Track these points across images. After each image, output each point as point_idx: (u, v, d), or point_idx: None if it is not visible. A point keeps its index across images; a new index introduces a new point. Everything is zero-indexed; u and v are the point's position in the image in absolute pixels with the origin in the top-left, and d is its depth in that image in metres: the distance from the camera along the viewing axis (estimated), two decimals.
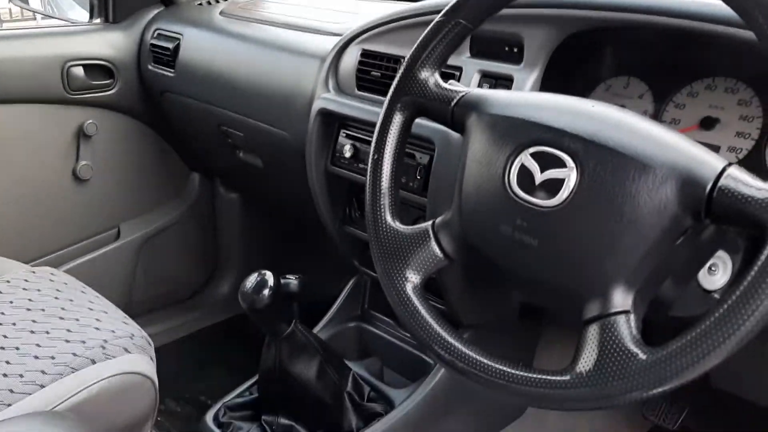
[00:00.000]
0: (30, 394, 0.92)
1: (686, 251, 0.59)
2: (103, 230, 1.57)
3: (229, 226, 1.75)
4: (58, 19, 1.56)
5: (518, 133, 0.63)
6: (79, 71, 1.43)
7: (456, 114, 0.70)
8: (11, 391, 0.91)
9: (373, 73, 1.03)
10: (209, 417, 1.03)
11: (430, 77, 0.72)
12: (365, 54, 1.05)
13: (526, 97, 0.67)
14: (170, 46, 1.42)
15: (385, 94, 0.75)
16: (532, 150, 0.62)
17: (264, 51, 1.25)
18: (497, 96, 0.68)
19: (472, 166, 0.66)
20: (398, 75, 0.73)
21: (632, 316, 0.57)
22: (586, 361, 0.56)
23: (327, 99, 1.08)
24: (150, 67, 1.48)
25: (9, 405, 0.91)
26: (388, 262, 0.69)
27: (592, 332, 0.57)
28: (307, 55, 1.16)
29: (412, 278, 0.68)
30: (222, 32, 1.36)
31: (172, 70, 1.43)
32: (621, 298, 0.57)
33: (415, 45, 0.72)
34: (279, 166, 1.31)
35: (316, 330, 1.18)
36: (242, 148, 1.42)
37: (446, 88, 0.71)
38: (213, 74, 1.34)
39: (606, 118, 0.61)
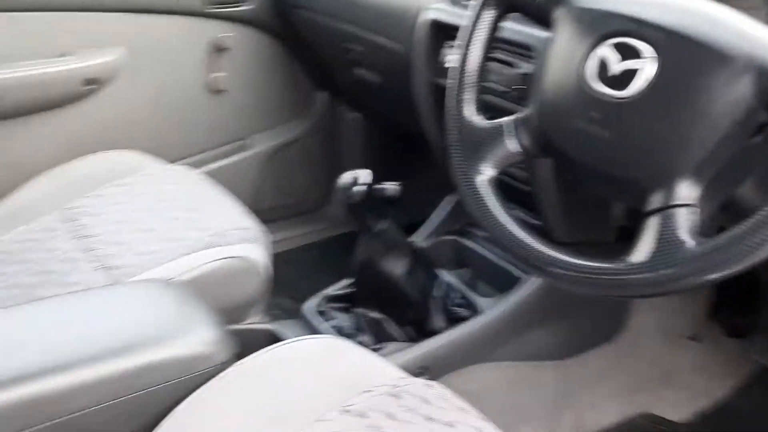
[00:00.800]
0: (151, 268, 1.04)
1: (765, 150, 0.56)
2: (234, 140, 1.69)
3: (350, 145, 1.83)
4: None
5: (600, 24, 0.63)
6: None
7: (543, 8, 0.69)
8: (138, 266, 1.04)
9: None
10: (310, 304, 1.12)
11: None
12: None
13: None
14: None
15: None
16: (611, 41, 0.61)
17: None
18: None
19: (553, 60, 0.66)
20: None
21: (695, 210, 0.56)
22: (641, 250, 0.56)
23: (438, 9, 1.09)
24: None
25: (133, 276, 1.04)
26: (465, 154, 0.71)
27: (652, 223, 0.57)
28: None
29: (487, 171, 0.69)
30: None
31: None
32: (686, 191, 0.56)
33: None
34: (394, 81, 1.35)
35: (412, 239, 1.23)
36: (362, 64, 1.46)
37: None
38: None
39: (689, 8, 0.59)
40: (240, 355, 0.95)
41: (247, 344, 0.95)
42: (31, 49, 1.36)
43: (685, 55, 0.56)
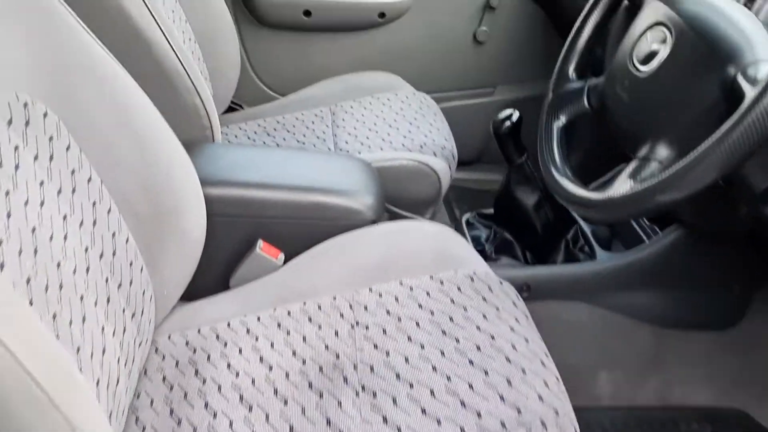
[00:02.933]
0: (361, 153, 1.43)
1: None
2: (482, 86, 1.99)
3: None
4: None
5: (660, 13, 0.80)
6: None
7: None
8: (354, 150, 1.43)
9: None
10: (464, 217, 1.40)
11: None
12: None
13: None
14: None
15: None
16: (657, 26, 0.79)
17: None
18: None
19: (625, 38, 0.85)
20: None
21: (662, 166, 0.73)
22: (621, 185, 0.75)
23: None
24: None
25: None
26: (554, 102, 0.93)
27: (632, 165, 0.75)
28: None
29: (562, 118, 0.91)
30: None
31: None
32: (662, 151, 0.74)
33: None
34: None
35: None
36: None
37: None
38: None
39: (717, 6, 0.74)
40: None
41: None
42: None
43: (692, 47, 0.72)
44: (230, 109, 1.77)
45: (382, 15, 1.84)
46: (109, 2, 1.10)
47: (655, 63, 0.75)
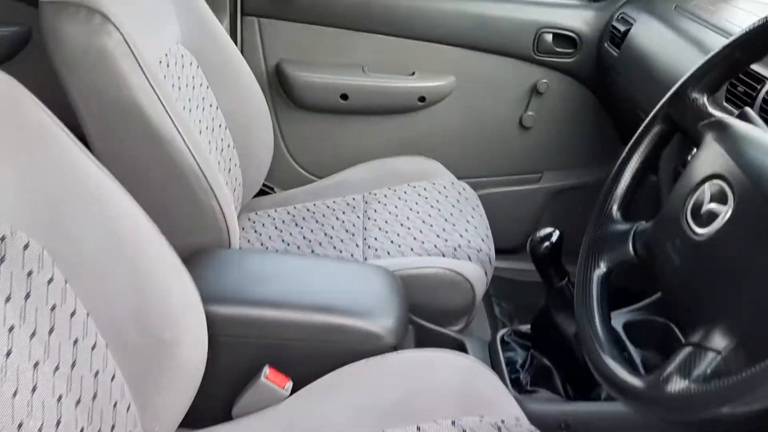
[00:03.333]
0: (391, 257, 1.32)
1: None
2: (528, 172, 1.88)
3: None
4: None
5: (721, 163, 0.68)
6: (549, 37, 1.72)
7: (699, 131, 0.75)
8: (384, 249, 1.33)
9: (739, 88, 1.04)
10: (498, 334, 1.28)
11: (699, 98, 0.77)
12: None
13: (759, 137, 0.69)
14: (623, 28, 1.58)
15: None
16: (714, 181, 0.66)
17: (686, 46, 1.32)
18: (743, 128, 0.71)
19: (679, 183, 0.73)
20: (674, 87, 0.80)
21: (719, 356, 0.60)
22: (670, 376, 0.62)
23: None
24: (606, 44, 1.67)
25: (378, 256, 1.33)
26: (593, 245, 0.81)
27: (684, 353, 0.63)
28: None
29: (602, 266, 0.79)
30: (667, 24, 1.46)
31: (617, 50, 1.59)
32: (718, 339, 0.61)
33: (696, 66, 0.79)
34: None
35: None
36: None
37: (707, 111, 0.76)
38: (644, 60, 1.46)
39: None
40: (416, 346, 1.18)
41: (431, 343, 1.17)
42: (385, 64, 1.75)
43: (758, 213, 0.59)
44: (262, 192, 1.70)
45: (422, 99, 1.76)
46: (124, 100, 1.05)
47: (713, 227, 0.63)
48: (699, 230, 0.65)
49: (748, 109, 0.82)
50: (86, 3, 1.00)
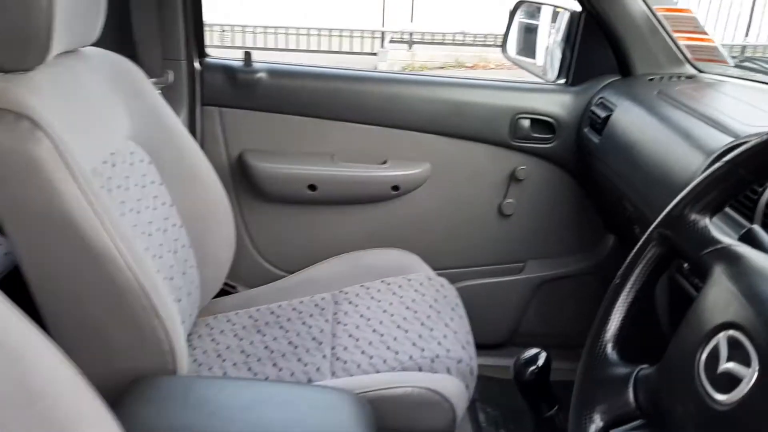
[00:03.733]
0: (361, 372, 1.19)
1: None
2: (510, 262, 1.77)
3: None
4: (542, 78, 1.79)
5: (736, 308, 0.57)
6: (526, 123, 1.65)
7: (704, 260, 0.64)
8: (355, 363, 1.20)
9: None
10: None
11: (700, 220, 0.67)
12: None
13: None
14: (603, 113, 1.51)
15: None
16: (729, 331, 0.55)
17: (671, 135, 1.24)
18: (759, 262, 0.60)
19: (688, 321, 0.62)
20: (669, 206, 0.70)
21: None
22: None
23: None
24: (585, 130, 1.60)
25: (349, 372, 1.20)
26: (585, 392, 0.69)
27: None
28: (698, 148, 1.12)
29: (597, 420, 0.67)
30: (649, 110, 1.38)
31: (598, 137, 1.51)
32: None
33: (694, 182, 0.69)
34: None
35: None
36: (638, 225, 1.42)
37: (711, 236, 0.66)
38: (626, 148, 1.38)
39: None
40: None
41: None
42: (355, 153, 1.66)
43: None
44: (224, 292, 1.57)
45: (395, 188, 1.66)
46: (56, 213, 0.93)
47: (735, 394, 0.51)
48: (718, 397, 0.53)
49: (757, 228, 0.71)
50: (13, 107, 0.90)
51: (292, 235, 1.71)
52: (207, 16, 1.65)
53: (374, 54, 7.71)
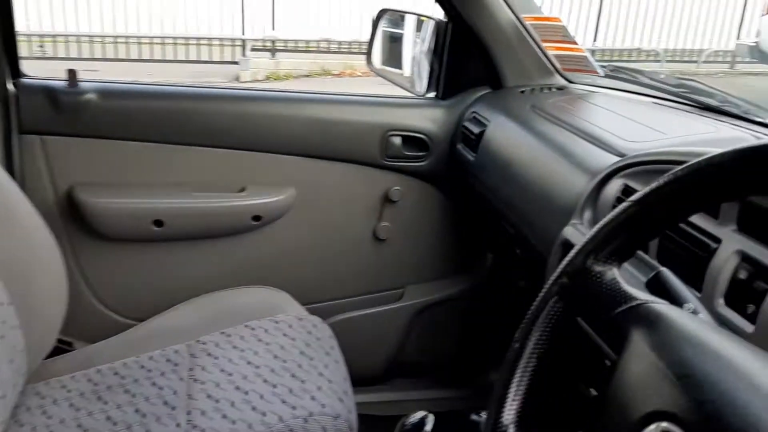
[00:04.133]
0: None
1: None
2: (388, 289, 1.64)
3: (511, 315, 1.68)
4: (409, 91, 1.69)
5: (667, 392, 0.45)
6: (397, 141, 1.53)
7: (617, 321, 0.53)
8: (203, 430, 1.02)
9: None
10: None
11: (607, 271, 0.56)
12: (626, 191, 0.89)
13: (721, 342, 0.47)
14: (477, 130, 1.42)
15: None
16: (664, 425, 0.44)
17: (549, 153, 1.16)
18: (684, 325, 0.50)
19: (610, 404, 0.50)
20: (570, 255, 0.59)
21: None
22: None
23: (575, 229, 0.94)
24: (459, 146, 1.50)
25: None
26: None
27: None
28: (581, 168, 1.04)
29: None
30: (524, 125, 1.30)
31: (473, 154, 1.42)
32: None
33: (597, 226, 0.58)
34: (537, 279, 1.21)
35: None
36: (519, 247, 1.34)
37: (622, 290, 0.55)
38: (502, 166, 1.30)
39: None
40: None
41: None
42: (208, 181, 1.46)
43: None
44: (58, 350, 1.33)
45: (257, 218, 1.49)
46: None
47: None
48: None
49: (666, 272, 0.62)
50: None
51: (138, 278, 1.48)
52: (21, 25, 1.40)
53: (236, 63, 7.40)
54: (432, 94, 1.60)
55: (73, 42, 7.10)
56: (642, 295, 0.54)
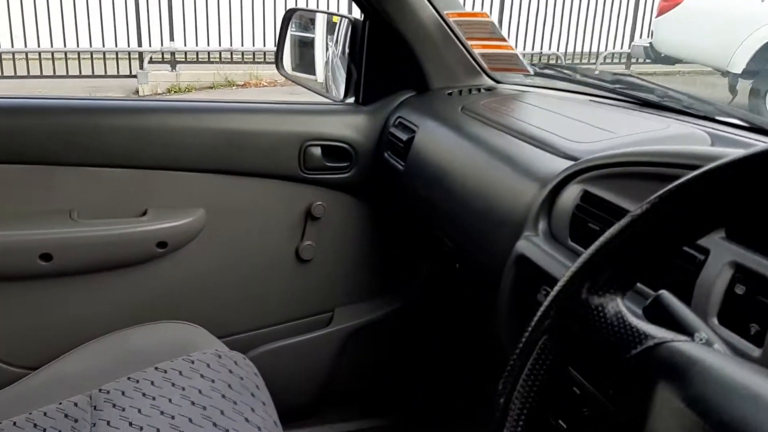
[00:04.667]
0: None
1: None
2: (316, 313, 1.51)
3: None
4: (325, 96, 1.56)
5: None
6: (317, 151, 1.39)
7: (631, 368, 0.43)
8: None
9: (590, 226, 0.77)
10: None
11: (609, 303, 0.45)
12: (585, 197, 0.80)
13: (749, 381, 0.38)
14: (405, 137, 1.30)
15: None
16: None
17: (489, 159, 1.06)
18: (724, 368, 0.39)
19: None
20: (559, 284, 0.48)
21: None
22: None
23: (529, 242, 0.84)
24: (386, 155, 1.39)
25: None
26: None
27: None
28: (528, 175, 0.94)
29: None
30: (456, 130, 1.20)
31: (402, 163, 1.31)
32: None
33: (592, 248, 0.47)
34: (482, 297, 1.11)
35: None
36: (459, 262, 1.23)
37: (632, 326, 0.44)
38: (436, 175, 1.19)
39: None
40: None
41: None
42: (103, 205, 1.28)
43: None
44: None
45: (162, 244, 1.31)
46: None
47: None
48: None
49: (667, 295, 0.52)
50: None
51: (26, 321, 1.28)
52: None
53: (134, 76, 7.02)
54: (351, 100, 1.48)
55: None
56: (657, 331, 0.43)
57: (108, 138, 1.27)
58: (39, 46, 6.84)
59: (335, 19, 1.70)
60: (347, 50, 1.47)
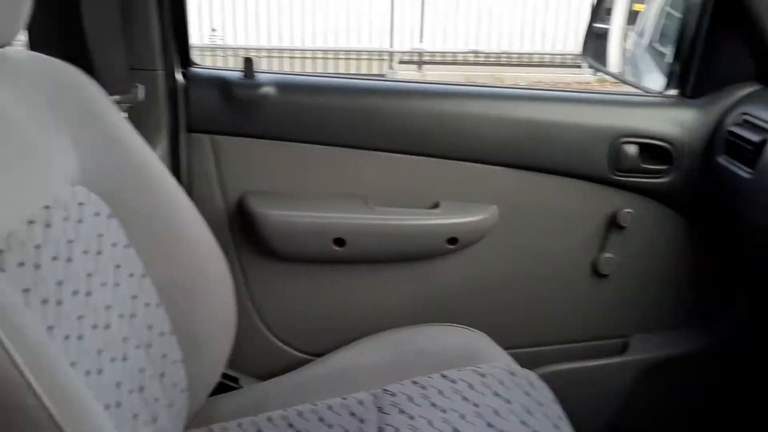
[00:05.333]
0: None
1: None
2: (608, 337, 1.32)
3: None
4: (633, 86, 1.37)
5: None
6: (633, 150, 1.20)
7: None
8: None
9: None
10: None
11: None
12: None
13: None
14: (755, 138, 1.06)
15: None
16: None
17: None
18: None
19: None
20: None
21: None
22: None
23: None
24: (720, 159, 1.15)
25: None
26: None
27: None
28: None
29: None
30: None
31: (749, 170, 1.07)
32: None
33: None
34: None
35: None
36: None
37: None
38: None
39: None
40: None
41: None
42: (398, 195, 1.22)
43: None
44: (222, 387, 1.13)
45: (452, 241, 1.21)
46: None
47: None
48: None
49: None
50: None
51: (313, 305, 1.26)
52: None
53: (382, 76, 7.33)
54: (673, 91, 1.26)
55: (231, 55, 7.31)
56: None
57: (408, 122, 1.20)
58: (302, 45, 7.42)
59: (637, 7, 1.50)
60: (675, 34, 1.26)
